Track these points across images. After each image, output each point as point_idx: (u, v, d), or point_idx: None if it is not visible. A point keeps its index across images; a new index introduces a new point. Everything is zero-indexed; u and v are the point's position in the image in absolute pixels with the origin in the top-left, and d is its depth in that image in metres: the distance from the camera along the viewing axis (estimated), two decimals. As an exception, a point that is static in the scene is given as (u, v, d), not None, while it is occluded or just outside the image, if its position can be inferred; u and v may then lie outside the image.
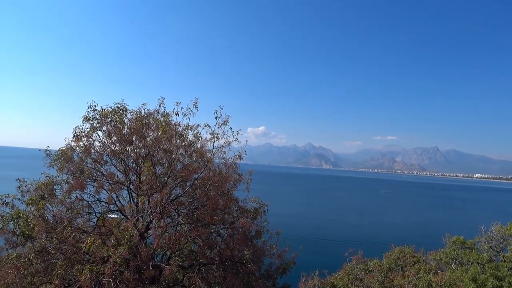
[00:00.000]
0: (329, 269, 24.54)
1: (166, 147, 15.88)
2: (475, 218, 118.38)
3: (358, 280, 22.16)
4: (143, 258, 13.90)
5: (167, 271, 14.57)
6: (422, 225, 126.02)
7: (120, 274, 13.63)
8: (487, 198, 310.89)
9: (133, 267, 13.85)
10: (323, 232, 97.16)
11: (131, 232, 14.13)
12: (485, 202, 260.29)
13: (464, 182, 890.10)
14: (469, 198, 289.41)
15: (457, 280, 20.28)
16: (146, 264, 14.13)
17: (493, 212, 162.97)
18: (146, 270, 14.12)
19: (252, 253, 16.91)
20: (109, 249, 13.17)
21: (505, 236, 29.17)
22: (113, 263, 12.71)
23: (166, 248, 16.25)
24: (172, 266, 14.94)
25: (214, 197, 15.27)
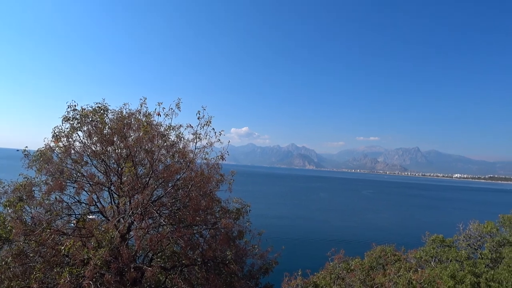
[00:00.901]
0: (311, 269, 24.68)
1: (148, 148, 15.73)
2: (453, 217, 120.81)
3: (340, 279, 22.35)
4: (125, 260, 13.73)
5: (149, 273, 14.44)
6: (403, 224, 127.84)
7: (101, 277, 13.43)
8: (466, 197, 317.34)
9: (114, 269, 13.67)
10: (305, 232, 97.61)
11: (112, 233, 13.94)
12: (463, 201, 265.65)
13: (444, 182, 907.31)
14: (448, 198, 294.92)
15: (437, 277, 20.67)
16: (128, 266, 13.96)
17: (471, 211, 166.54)
18: (127, 272, 13.95)
19: (235, 253, 16.89)
20: (90, 251, 12.97)
21: (482, 234, 29.92)
22: (93, 266, 12.51)
23: (148, 249, 16.09)
24: (154, 267, 14.82)
25: (196, 197, 15.19)
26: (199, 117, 15.54)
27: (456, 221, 33.68)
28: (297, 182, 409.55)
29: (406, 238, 63.51)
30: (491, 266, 26.19)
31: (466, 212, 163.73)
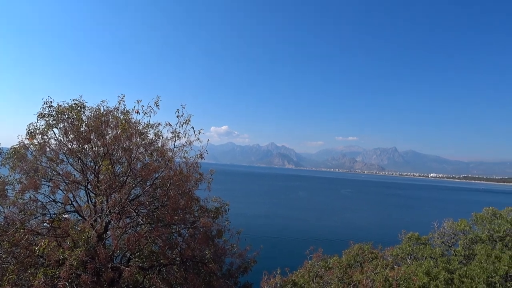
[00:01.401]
0: (290, 267, 24.81)
1: (126, 146, 15.51)
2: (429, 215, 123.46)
3: (319, 277, 22.55)
4: (101, 260, 13.51)
5: (127, 273, 14.24)
6: (380, 223, 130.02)
7: (77, 277, 13.17)
8: (441, 196, 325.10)
9: (90, 269, 13.44)
10: (284, 231, 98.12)
11: (89, 233, 13.70)
12: (438, 200, 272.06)
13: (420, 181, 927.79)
14: (424, 197, 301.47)
15: (412, 274, 21.10)
16: (105, 266, 13.75)
17: (445, 210, 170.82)
18: (104, 272, 13.74)
19: (213, 252, 16.83)
20: (65, 252, 12.70)
21: (456, 232, 30.69)
22: (69, 266, 12.26)
23: (126, 249, 15.87)
24: (131, 267, 14.62)
25: (175, 196, 15.08)
26: (178, 115, 15.42)
27: (431, 220, 34.43)
28: (276, 181, 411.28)
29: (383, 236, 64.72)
30: (464, 262, 26.89)
31: (441, 210, 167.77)
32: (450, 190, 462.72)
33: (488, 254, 23.52)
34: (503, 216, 29.90)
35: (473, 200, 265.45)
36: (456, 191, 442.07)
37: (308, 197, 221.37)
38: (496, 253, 23.44)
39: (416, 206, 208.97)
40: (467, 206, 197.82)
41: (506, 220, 29.13)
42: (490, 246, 25.92)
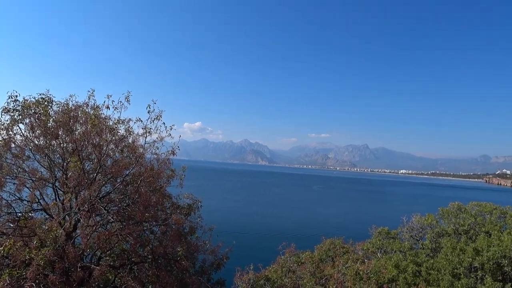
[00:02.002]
0: (263, 263, 24.95)
1: (96, 142, 15.14)
2: (398, 210, 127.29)
3: (291, 272, 22.79)
4: (71, 259, 13.16)
5: (97, 272, 13.94)
6: (351, 218, 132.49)
7: (45, 278, 12.78)
8: (410, 191, 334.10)
9: (59, 269, 13.08)
10: (257, 227, 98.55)
11: (57, 232, 13.32)
12: (407, 195, 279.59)
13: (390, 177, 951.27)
14: (394, 192, 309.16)
15: (382, 267, 21.64)
16: (74, 266, 13.40)
17: (414, 205, 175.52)
18: (73, 272, 13.39)
19: (186, 249, 16.70)
20: (32, 251, 12.30)
21: (423, 226, 31.68)
22: (36, 266, 11.88)
23: (96, 248, 15.53)
24: (102, 266, 14.33)
25: (146, 193, 14.85)
26: (149, 111, 15.18)
27: (400, 214, 35.39)
28: (249, 177, 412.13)
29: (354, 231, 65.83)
30: (431, 255, 27.78)
31: (410, 205, 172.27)
32: (419, 186, 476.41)
33: (454, 247, 24.37)
34: (468, 211, 31.02)
35: (440, 195, 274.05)
36: (424, 187, 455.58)
37: (281, 194, 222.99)
38: (461, 245, 24.30)
39: (386, 202, 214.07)
40: (434, 201, 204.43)
41: (470, 214, 30.25)
42: (455, 239, 26.86)
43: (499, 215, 29.86)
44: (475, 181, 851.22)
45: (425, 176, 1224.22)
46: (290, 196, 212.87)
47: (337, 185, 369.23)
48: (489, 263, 22.11)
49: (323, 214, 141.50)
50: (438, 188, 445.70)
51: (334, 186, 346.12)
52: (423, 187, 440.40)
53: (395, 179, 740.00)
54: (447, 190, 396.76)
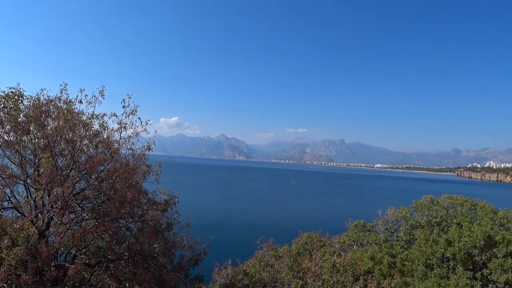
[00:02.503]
0: (241, 258, 24.99)
1: (69, 137, 14.74)
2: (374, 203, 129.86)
3: (269, 266, 22.90)
4: (44, 258, 12.81)
5: (72, 271, 13.63)
6: (328, 212, 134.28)
7: (17, 278, 12.40)
8: (385, 185, 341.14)
9: (32, 269, 12.70)
10: (235, 222, 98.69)
11: (29, 230, 12.95)
12: (383, 189, 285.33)
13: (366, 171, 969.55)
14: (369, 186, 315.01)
15: (358, 259, 22.02)
16: (48, 265, 13.05)
17: (389, 198, 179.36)
18: (47, 271, 13.05)
19: (163, 246, 16.52)
20: (3, 251, 11.92)
21: (398, 219, 32.41)
22: (7, 266, 11.51)
23: (71, 246, 15.17)
24: (77, 264, 14.01)
25: (122, 189, 14.58)
26: (124, 105, 14.87)
27: (375, 207, 36.09)
28: (226, 173, 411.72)
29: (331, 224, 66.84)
30: (405, 247, 28.46)
31: (385, 199, 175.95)
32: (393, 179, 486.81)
33: (427, 238, 25.02)
34: (440, 203, 31.88)
35: (414, 188, 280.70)
36: (399, 180, 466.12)
37: (258, 189, 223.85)
38: (433, 237, 24.97)
39: (362, 195, 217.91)
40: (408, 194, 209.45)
41: (443, 207, 31.10)
42: (428, 231, 27.57)
43: (469, 207, 30.80)
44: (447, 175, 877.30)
45: (399, 170, 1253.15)
46: (267, 191, 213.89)
47: (314, 180, 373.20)
48: (460, 253, 22.80)
49: (300, 208, 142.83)
50: (412, 181, 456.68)
51: (311, 181, 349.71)
52: (397, 181, 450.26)
53: (370, 173, 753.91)
54: (421, 183, 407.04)
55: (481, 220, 26.77)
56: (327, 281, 18.78)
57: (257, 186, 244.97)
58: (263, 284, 21.07)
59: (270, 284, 21.19)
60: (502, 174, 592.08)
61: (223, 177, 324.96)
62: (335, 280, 18.80)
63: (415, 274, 23.32)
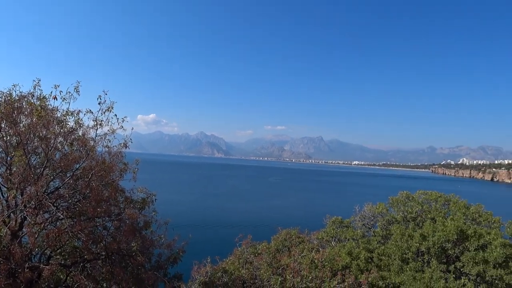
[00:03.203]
0: (220, 255, 24.94)
1: (42, 135, 14.34)
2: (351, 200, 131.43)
3: (248, 263, 22.92)
4: (17, 259, 12.46)
5: (47, 272, 13.33)
6: (306, 208, 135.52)
7: (-12, 280, 12.06)
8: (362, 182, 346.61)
9: (4, 271, 12.34)
10: (214, 220, 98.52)
11: (1, 231, 12.59)
12: (360, 185, 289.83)
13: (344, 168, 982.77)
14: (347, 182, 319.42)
15: (336, 255, 22.29)
16: (21, 266, 12.71)
17: (366, 194, 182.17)
18: (21, 273, 12.70)
19: (141, 244, 16.31)
20: (-27, 252, 11.56)
21: (375, 215, 32.98)
22: (-22, 268, 11.19)
23: (45, 246, 14.80)
24: (52, 265, 13.70)
25: (98, 188, 14.29)
26: (100, 102, 14.55)
27: (353, 204, 36.63)
28: (205, 170, 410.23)
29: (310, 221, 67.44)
30: (382, 242, 29.00)
31: (362, 195, 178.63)
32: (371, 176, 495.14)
33: (402, 233, 25.54)
34: (415, 199, 32.60)
35: (391, 185, 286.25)
36: (376, 177, 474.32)
37: (237, 186, 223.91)
38: (409, 232, 25.52)
39: (339, 192, 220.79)
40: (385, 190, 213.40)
41: (418, 202, 31.81)
42: (404, 226, 28.17)
43: (443, 203, 31.61)
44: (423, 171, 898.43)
45: (376, 167, 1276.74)
46: (246, 188, 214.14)
47: (292, 177, 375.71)
48: (434, 247, 23.37)
49: (279, 205, 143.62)
50: (389, 178, 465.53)
51: (289, 178, 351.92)
52: (374, 178, 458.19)
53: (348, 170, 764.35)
54: (397, 180, 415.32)
55: (454, 215, 27.50)
56: (305, 277, 18.94)
57: (236, 183, 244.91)
58: (243, 281, 21.08)
59: (250, 281, 21.21)
60: (474, 171, 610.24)
61: (202, 174, 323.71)
62: (314, 275, 18.98)
63: (391, 268, 23.80)
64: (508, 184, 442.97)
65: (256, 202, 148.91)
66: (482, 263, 22.06)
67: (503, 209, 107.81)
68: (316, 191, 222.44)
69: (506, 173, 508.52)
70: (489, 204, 39.40)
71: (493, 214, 30.14)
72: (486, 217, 29.43)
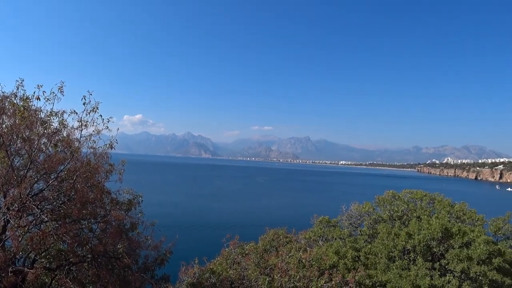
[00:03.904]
0: (208, 256, 24.85)
1: (26, 136, 14.09)
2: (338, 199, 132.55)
3: (236, 264, 22.88)
4: (0, 264, 12.23)
5: (31, 276, 13.08)
6: (294, 208, 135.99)
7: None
8: (349, 181, 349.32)
9: (-14, 275, 12.12)
10: (201, 220, 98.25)
11: (-17, 234, 12.34)
12: (347, 185, 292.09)
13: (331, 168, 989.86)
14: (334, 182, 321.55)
15: (323, 254, 22.40)
16: (5, 271, 12.46)
17: (353, 193, 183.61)
18: (4, 277, 12.47)
19: (127, 246, 16.14)
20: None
21: (361, 214, 33.25)
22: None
23: (29, 249, 14.54)
24: (37, 269, 13.46)
25: (83, 189, 14.09)
26: (84, 102, 14.36)
27: (340, 203, 36.88)
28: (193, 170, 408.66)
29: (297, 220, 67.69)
30: (368, 241, 29.24)
31: (349, 194, 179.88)
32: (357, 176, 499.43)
33: (389, 232, 25.79)
34: (401, 198, 32.97)
35: (377, 184, 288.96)
36: (363, 177, 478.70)
37: (224, 186, 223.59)
38: (395, 230, 25.78)
39: (327, 191, 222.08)
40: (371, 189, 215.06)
41: (403, 201, 32.18)
42: (390, 225, 28.45)
43: (428, 201, 32.04)
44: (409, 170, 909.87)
45: (363, 166, 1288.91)
46: (233, 188, 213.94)
47: (280, 176, 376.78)
48: (420, 245, 23.66)
49: (266, 205, 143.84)
50: (375, 177, 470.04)
51: (277, 178, 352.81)
52: (361, 177, 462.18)
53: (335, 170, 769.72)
54: (383, 179, 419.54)
55: (439, 213, 27.91)
56: (293, 277, 18.99)
57: (223, 183, 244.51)
58: (230, 282, 21.04)
59: (237, 282, 21.18)
60: (459, 170, 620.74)
61: (189, 175, 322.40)
62: (301, 275, 19.04)
63: (378, 266, 24.01)
64: (491, 183, 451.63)
65: (243, 202, 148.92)
66: (466, 260, 22.42)
67: (486, 207, 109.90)
68: (303, 191, 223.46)
69: (490, 172, 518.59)
70: (473, 202, 40.09)
71: (477, 212, 30.68)
72: (470, 215, 29.93)
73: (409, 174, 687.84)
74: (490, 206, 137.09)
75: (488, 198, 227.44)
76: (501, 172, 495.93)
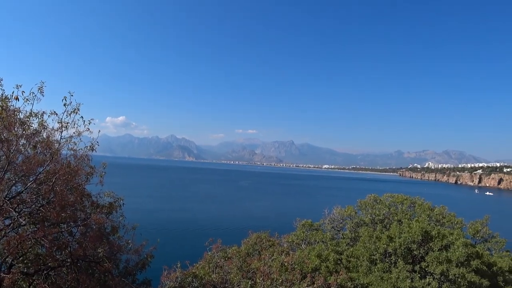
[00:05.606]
0: (190, 260, 24.67)
1: (4, 137, 13.78)
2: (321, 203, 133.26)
3: (219, 268, 22.77)
4: (-25, 268, 11.92)
5: (8, 281, 12.76)
6: (277, 212, 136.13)
7: None
8: (332, 185, 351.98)
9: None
10: (184, 224, 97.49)
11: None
12: (330, 188, 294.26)
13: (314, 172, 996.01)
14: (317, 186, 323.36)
15: (305, 257, 22.50)
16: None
17: (335, 197, 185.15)
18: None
19: (108, 250, 15.90)
20: None
21: (343, 217, 33.56)
22: None
23: (6, 254, 14.18)
24: (14, 274, 13.14)
25: (62, 192, 13.83)
26: (65, 103, 14.11)
27: (322, 207, 37.16)
28: (176, 174, 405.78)
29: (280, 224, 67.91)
30: (351, 244, 29.51)
31: (332, 198, 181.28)
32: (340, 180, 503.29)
33: (370, 235, 26.07)
34: (383, 202, 33.39)
35: (359, 188, 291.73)
36: (346, 180, 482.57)
37: (208, 189, 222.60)
38: (376, 234, 26.07)
39: (309, 195, 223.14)
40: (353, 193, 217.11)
41: (385, 205, 32.60)
42: (372, 228, 28.76)
43: (409, 205, 32.56)
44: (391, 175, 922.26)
45: (346, 170, 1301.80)
46: (216, 191, 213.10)
47: (263, 180, 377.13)
48: (400, 248, 24.00)
49: (249, 208, 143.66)
50: (358, 181, 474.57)
51: (260, 181, 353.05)
52: (344, 181, 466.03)
53: (318, 174, 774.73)
54: (366, 183, 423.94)
55: (419, 217, 28.37)
56: (276, 280, 19.00)
57: (207, 187, 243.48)
58: (213, 286, 20.92)
59: (220, 285, 21.08)
60: (439, 174, 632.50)
61: (172, 178, 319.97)
62: (284, 278, 19.07)
63: (360, 269, 24.24)
64: (470, 187, 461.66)
65: (226, 205, 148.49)
66: (445, 262, 22.82)
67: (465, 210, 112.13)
68: (286, 194, 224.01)
69: (469, 176, 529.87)
70: (452, 206, 40.91)
71: (456, 215, 31.30)
72: (449, 218, 30.51)
73: (391, 178, 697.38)
74: (469, 210, 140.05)
75: (467, 202, 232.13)
76: (480, 176, 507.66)
